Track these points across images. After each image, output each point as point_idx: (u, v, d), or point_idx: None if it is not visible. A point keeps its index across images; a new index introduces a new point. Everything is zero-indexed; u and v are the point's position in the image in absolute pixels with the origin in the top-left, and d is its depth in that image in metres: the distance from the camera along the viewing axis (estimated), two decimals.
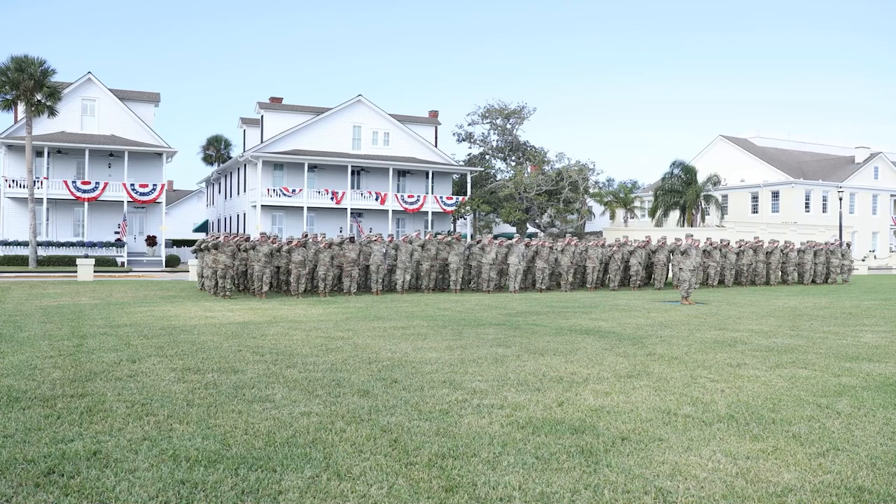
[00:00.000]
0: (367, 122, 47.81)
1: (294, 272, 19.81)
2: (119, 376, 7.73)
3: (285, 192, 44.18)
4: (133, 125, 43.60)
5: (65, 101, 40.30)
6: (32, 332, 11.46)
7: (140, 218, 44.92)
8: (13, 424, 5.71)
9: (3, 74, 36.06)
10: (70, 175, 41.98)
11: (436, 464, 4.89)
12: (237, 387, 7.22)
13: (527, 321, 13.85)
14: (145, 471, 4.65)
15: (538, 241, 24.77)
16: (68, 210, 42.59)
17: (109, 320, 13.22)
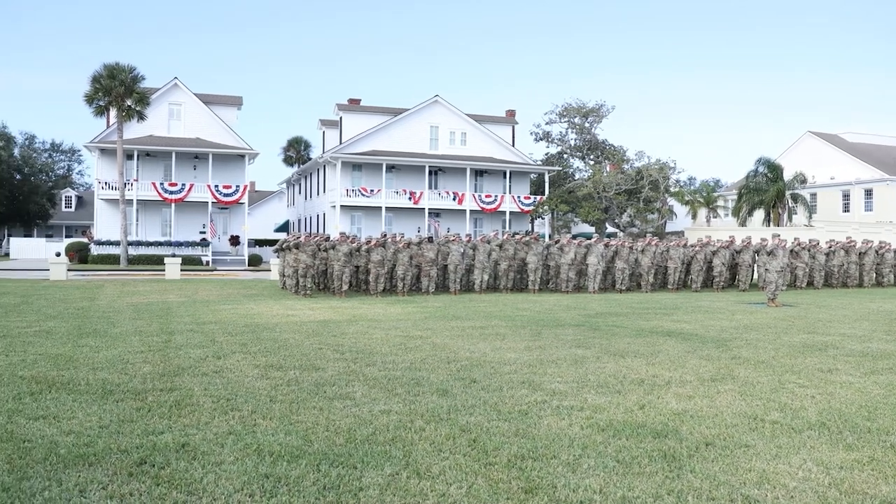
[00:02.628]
0: (444, 122, 48.01)
1: (373, 272, 20.04)
2: (205, 372, 7.96)
3: (364, 192, 44.77)
4: (217, 128, 44.96)
5: (153, 106, 41.84)
6: (124, 328, 11.92)
7: (224, 218, 46.26)
8: (108, 416, 5.94)
9: (97, 82, 37.72)
10: (158, 177, 43.57)
11: (515, 465, 4.85)
12: (318, 384, 7.33)
13: (606, 322, 13.64)
14: (231, 464, 4.76)
15: (618, 241, 24.39)
16: (156, 211, 44.22)
17: (196, 317, 13.63)
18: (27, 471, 4.57)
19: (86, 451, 4.97)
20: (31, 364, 8.33)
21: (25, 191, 61.85)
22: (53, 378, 7.47)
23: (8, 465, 4.69)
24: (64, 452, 4.93)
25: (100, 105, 38.63)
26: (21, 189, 61.46)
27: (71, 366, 8.23)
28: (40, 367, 8.16)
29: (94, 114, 39.17)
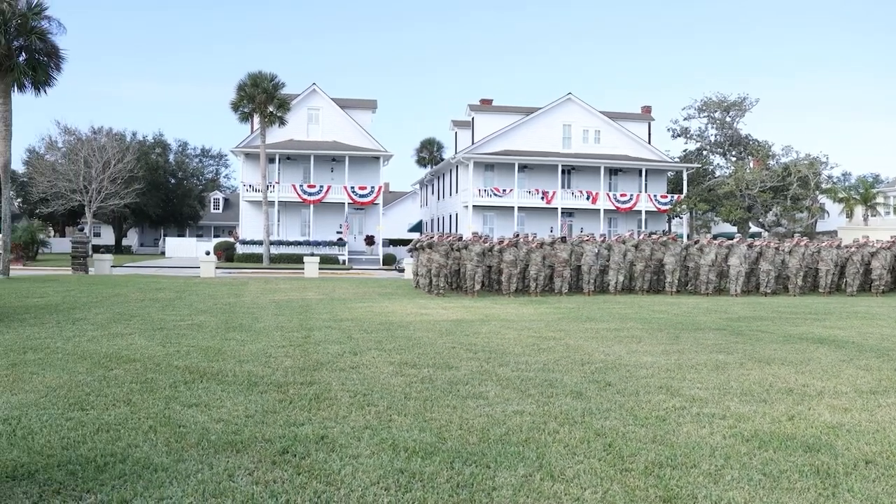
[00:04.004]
0: (577, 120, 47.39)
1: (505, 272, 20.05)
2: (343, 367, 8.20)
3: (496, 192, 44.89)
4: (353, 131, 46.41)
5: (293, 112, 43.64)
6: (267, 323, 12.49)
7: (359, 218, 47.65)
8: (253, 406, 6.23)
9: (242, 90, 39.83)
10: (297, 179, 45.44)
11: (652, 472, 4.69)
12: (452, 382, 7.39)
13: (750, 327, 13.01)
14: (367, 457, 4.87)
15: (762, 242, 23.21)
16: (296, 211, 46.13)
17: (333, 314, 14.09)
18: (182, 454, 4.87)
19: (234, 438, 5.24)
20: (184, 355, 8.87)
21: (179, 194, 66.13)
22: (204, 369, 7.93)
23: (166, 447, 5.01)
24: (214, 438, 5.22)
25: (244, 112, 40.79)
26: (175, 192, 65.77)
27: (220, 358, 8.71)
28: (193, 358, 8.67)
29: (240, 120, 41.44)
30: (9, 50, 24.16)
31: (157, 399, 6.44)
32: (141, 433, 5.35)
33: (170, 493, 4.16)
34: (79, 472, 4.48)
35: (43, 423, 5.58)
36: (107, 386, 6.97)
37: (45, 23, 25.01)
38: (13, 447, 4.98)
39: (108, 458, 4.73)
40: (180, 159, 73.16)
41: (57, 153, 55.86)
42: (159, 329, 11.33)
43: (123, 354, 8.83)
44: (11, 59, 24.36)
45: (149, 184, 57.37)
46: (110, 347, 9.38)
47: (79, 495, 4.13)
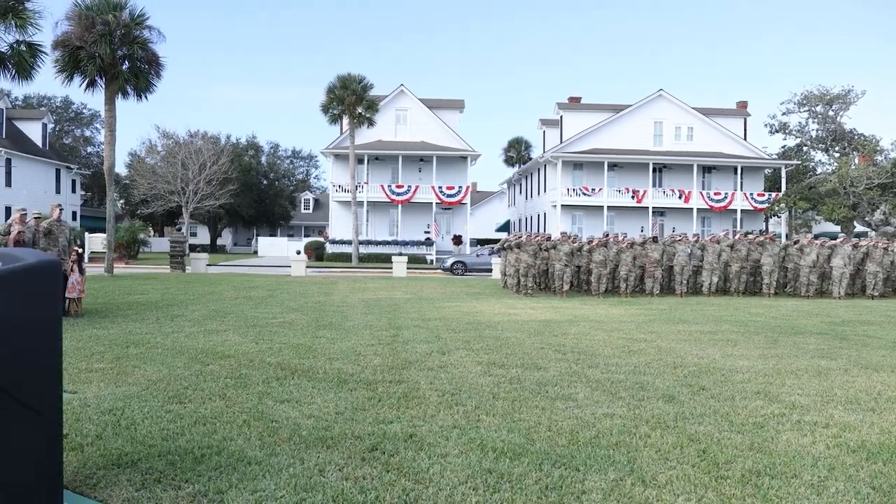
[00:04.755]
0: (668, 117, 46.29)
1: (595, 272, 19.75)
2: (431, 366, 8.23)
3: (585, 191, 44.33)
4: (440, 131, 46.68)
5: (381, 113, 44.19)
6: (356, 322, 12.67)
7: (447, 218, 47.88)
8: (343, 403, 6.32)
9: (331, 92, 40.65)
10: (386, 179, 46.03)
11: (750, 481, 4.51)
12: (540, 384, 7.31)
13: (855, 331, 12.39)
14: (455, 457, 4.86)
15: (869, 242, 22.08)
16: (384, 211, 46.73)
17: (421, 314, 14.18)
18: (275, 448, 4.97)
19: (324, 434, 5.32)
20: (276, 352, 9.09)
21: (271, 194, 68.03)
22: (296, 366, 8.09)
23: (259, 441, 5.13)
24: (305, 434, 5.31)
25: (334, 114, 41.61)
26: (267, 193, 67.69)
27: (310, 355, 8.88)
28: (284, 355, 8.87)
29: (329, 122, 42.27)
30: (113, 59, 25.37)
31: (251, 394, 6.61)
32: (235, 427, 5.50)
33: (263, 486, 4.25)
34: (178, 463, 4.63)
35: (144, 415, 5.81)
36: (203, 380, 7.20)
37: (146, 32, 26.16)
38: (118, 437, 5.20)
39: (204, 450, 4.88)
40: (272, 161, 75.28)
41: (156, 156, 58.36)
42: (252, 326, 11.65)
43: (219, 350, 9.11)
44: (116, 68, 25.57)
45: (242, 185, 59.25)
46: (206, 343, 9.70)
47: (178, 484, 4.27)
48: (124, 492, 4.14)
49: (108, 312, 13.50)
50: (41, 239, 12.82)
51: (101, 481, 4.32)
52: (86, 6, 25.07)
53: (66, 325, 10.69)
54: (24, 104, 65.43)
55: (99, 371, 7.65)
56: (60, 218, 13.57)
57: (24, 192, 45.08)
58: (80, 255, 13.66)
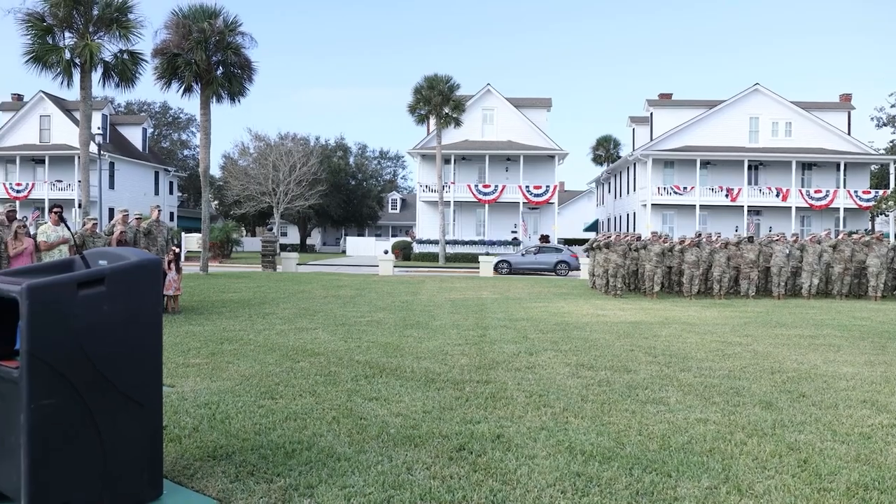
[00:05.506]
0: (764, 112, 44.63)
1: (687, 272, 19.24)
2: (518, 367, 8.17)
3: (676, 190, 43.27)
4: (527, 130, 46.43)
5: (467, 112, 44.27)
6: (443, 321, 12.72)
7: (534, 218, 47.60)
8: (430, 402, 6.34)
9: (418, 93, 41.03)
10: (473, 179, 46.10)
11: (856, 494, 4.28)
12: (630, 386, 7.15)
13: None
14: (543, 458, 4.80)
15: None
16: (471, 211, 46.82)
17: (508, 314, 14.12)
18: (363, 445, 5.03)
19: (412, 432, 5.34)
20: (365, 350, 9.21)
21: (359, 195, 69.15)
22: (384, 364, 8.18)
23: (348, 438, 5.20)
24: (393, 432, 5.35)
25: (421, 114, 41.99)
26: (355, 193, 68.84)
27: (398, 354, 8.96)
28: (372, 353, 8.98)
29: (416, 122, 42.68)
30: (208, 65, 26.32)
31: (340, 391, 6.71)
32: (325, 423, 5.59)
33: (352, 482, 4.30)
34: (270, 457, 4.74)
35: (238, 409, 5.97)
36: (294, 377, 7.36)
37: (239, 38, 27.05)
38: (213, 430, 5.36)
39: (295, 445, 4.98)
40: (360, 161, 76.55)
41: (248, 158, 60.18)
42: (341, 325, 11.84)
43: (308, 348, 9.30)
44: (210, 73, 26.52)
45: (331, 185, 60.45)
46: (297, 341, 9.91)
47: (270, 478, 4.36)
48: (219, 483, 4.26)
49: (203, 309, 13.99)
50: (142, 238, 13.38)
51: (197, 472, 4.46)
52: (183, 15, 26.13)
53: (164, 321, 11.11)
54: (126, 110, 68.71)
55: (195, 366, 7.92)
56: (159, 218, 14.15)
57: (126, 194, 47.29)
58: (177, 255, 14.19)
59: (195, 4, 26.49)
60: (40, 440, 3.54)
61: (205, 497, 4.07)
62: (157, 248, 13.45)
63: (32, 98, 47.25)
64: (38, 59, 23.71)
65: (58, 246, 11.76)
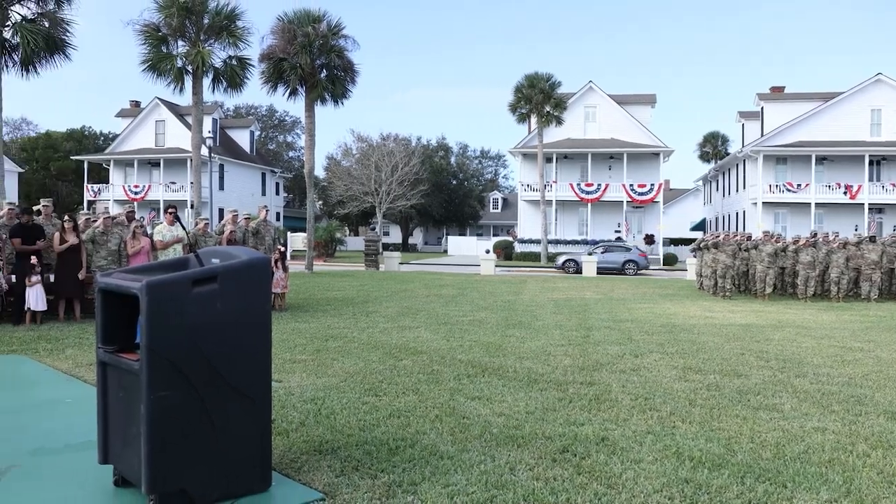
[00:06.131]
0: (888, 103, 41.98)
1: (801, 274, 18.39)
2: (623, 369, 8.00)
3: (789, 187, 41.41)
4: (631, 127, 45.49)
5: (569, 110, 43.71)
6: (546, 321, 12.60)
7: (638, 217, 46.61)
8: (533, 403, 6.28)
9: (519, 91, 40.88)
10: (575, 178, 45.54)
11: None
12: (741, 391, 6.88)
13: None
14: (649, 463, 4.67)
15: None
16: (573, 210, 46.26)
17: (612, 315, 13.87)
18: (466, 444, 5.02)
19: (514, 433, 5.31)
20: (467, 349, 9.23)
21: (460, 194, 69.47)
22: (486, 363, 8.17)
23: (451, 436, 5.21)
24: (496, 432, 5.32)
25: (522, 113, 41.83)
26: (457, 193, 69.19)
27: (500, 353, 8.93)
28: (475, 352, 8.99)
29: (517, 121, 42.53)
30: (313, 68, 27.08)
31: (443, 390, 6.74)
32: (428, 421, 5.62)
33: (455, 481, 4.30)
34: (374, 453, 4.80)
35: (343, 405, 6.08)
36: (397, 375, 7.44)
37: (342, 41, 27.75)
38: (319, 425, 5.48)
39: (398, 442, 5.03)
40: (461, 161, 76.90)
41: (351, 159, 61.44)
42: (443, 324, 11.91)
43: (411, 346, 9.40)
44: (315, 77, 27.28)
45: (432, 185, 60.98)
46: (399, 339, 10.03)
47: (374, 473, 4.41)
48: (325, 477, 4.34)
49: (308, 307, 14.36)
50: (250, 238, 13.86)
51: (304, 465, 4.56)
52: (288, 20, 27.02)
53: (272, 318, 11.48)
54: (235, 114, 71.46)
55: (301, 362, 8.13)
56: (267, 218, 14.62)
57: (235, 195, 49.14)
58: (284, 254, 14.62)
59: (300, 9, 27.36)
60: (158, 429, 3.70)
61: (311, 490, 4.16)
62: (265, 248, 13.89)
63: (149, 104, 49.77)
64: (154, 67, 25.05)
65: (172, 245, 12.35)
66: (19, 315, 11.07)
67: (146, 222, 14.17)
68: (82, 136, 64.95)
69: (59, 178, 60.27)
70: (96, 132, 67.15)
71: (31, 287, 10.97)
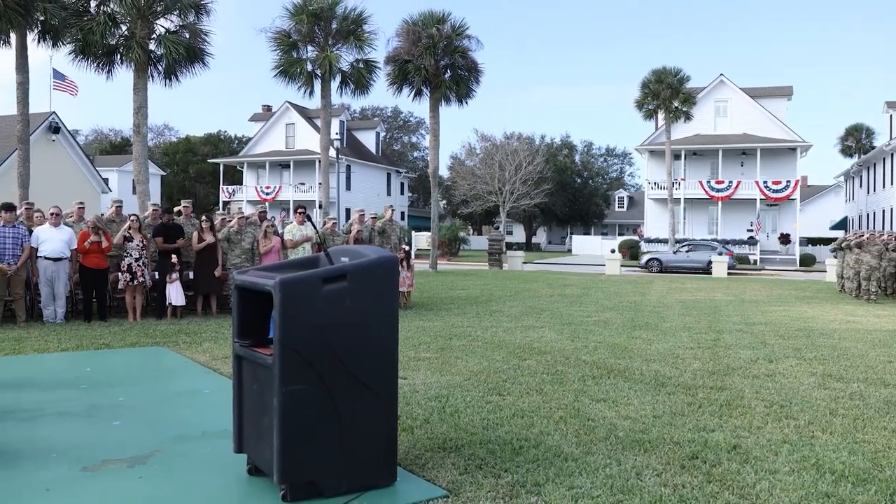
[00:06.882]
0: None
1: None
2: (756, 374, 7.66)
3: None
4: (764, 122, 43.43)
5: (698, 105, 42.12)
6: (673, 323, 12.24)
7: (772, 215, 44.48)
8: (661, 407, 6.11)
9: (646, 87, 39.80)
10: (704, 175, 43.96)
11: None
12: (888, 402, 6.43)
13: None
14: (786, 474, 4.45)
15: None
16: (703, 209, 44.67)
17: (744, 317, 13.30)
18: (591, 447, 4.95)
19: (641, 437, 5.18)
20: (591, 350, 9.09)
21: (585, 193, 68.52)
22: (611, 365, 8.02)
23: (575, 438, 5.15)
24: (622, 435, 5.22)
25: (648, 109, 40.74)
26: (581, 192, 68.28)
27: (626, 355, 8.74)
28: (600, 353, 8.84)
29: (644, 118, 41.48)
30: (437, 69, 27.47)
31: (567, 391, 6.67)
32: (552, 422, 5.57)
33: (579, 484, 4.24)
34: (497, 452, 4.80)
35: (466, 404, 6.12)
36: (520, 375, 7.43)
37: (466, 41, 28.00)
38: (443, 422, 5.54)
39: (522, 443, 5.01)
40: (585, 159, 75.81)
41: (475, 158, 61.75)
42: (567, 324, 11.79)
43: (535, 346, 9.35)
44: (439, 77, 27.66)
45: (556, 184, 60.45)
46: (523, 339, 10.00)
47: (497, 473, 4.42)
48: (449, 474, 4.39)
49: (432, 306, 14.56)
50: (376, 237, 14.19)
51: (428, 462, 4.62)
52: (413, 22, 27.54)
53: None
54: (361, 116, 73.32)
55: (426, 360, 8.25)
56: (392, 218, 14.93)
57: (361, 195, 50.43)
58: (408, 253, 14.88)
59: (424, 11, 27.83)
60: (290, 422, 3.84)
61: (435, 486, 4.21)
62: (391, 247, 14.19)
63: (279, 108, 51.85)
64: (285, 72, 26.16)
65: (301, 244, 12.82)
66: (161, 310, 11.82)
67: (277, 222, 14.76)
68: (218, 140, 68.64)
69: (198, 180, 63.91)
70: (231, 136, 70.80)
71: (171, 284, 11.70)
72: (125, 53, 20.00)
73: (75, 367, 7.79)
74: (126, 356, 8.57)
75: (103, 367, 7.89)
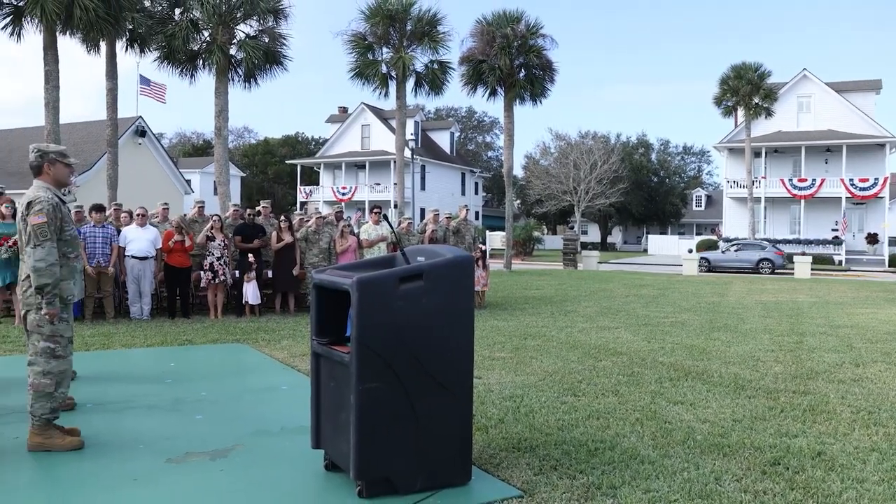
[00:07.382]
0: None
1: None
2: (841, 379, 7.40)
3: None
4: (851, 117, 41.71)
5: (780, 101, 40.75)
6: (753, 325, 11.91)
7: (859, 214, 42.74)
8: (741, 410, 5.97)
9: (725, 83, 38.78)
10: (786, 173, 42.55)
11: None
12: None
13: None
14: (875, 484, 4.29)
15: None
16: (784, 208, 43.24)
17: (829, 319, 12.85)
18: (668, 450, 4.87)
19: (720, 441, 5.08)
20: (669, 352, 8.94)
21: (661, 192, 67.24)
22: (689, 367, 7.87)
23: (652, 441, 5.08)
24: (700, 439, 5.12)
25: (727, 106, 39.66)
26: (657, 191, 67.04)
27: (704, 357, 8.57)
28: (677, 355, 8.69)
29: (722, 115, 40.39)
30: (511, 69, 27.42)
31: (643, 393, 6.58)
32: (628, 424, 5.51)
33: (656, 487, 4.18)
34: (572, 453, 4.78)
35: (541, 404, 6.11)
36: (596, 375, 7.36)
37: (540, 40, 27.88)
38: (517, 422, 5.54)
39: (597, 444, 4.97)
40: (662, 158, 74.44)
41: (549, 158, 61.37)
42: (643, 325, 11.61)
43: (610, 347, 9.25)
44: (513, 77, 27.61)
45: (632, 183, 59.53)
46: (598, 339, 9.91)
47: (573, 474, 4.40)
48: (524, 475, 4.39)
49: (507, 305, 14.55)
50: (451, 237, 14.25)
51: (502, 462, 4.63)
52: (487, 22, 27.58)
53: None
54: (435, 116, 73.74)
55: (500, 360, 8.26)
56: (467, 217, 14.96)
57: (436, 195, 50.69)
58: (483, 252, 14.89)
59: (498, 11, 27.80)
60: (366, 419, 3.91)
61: (510, 486, 4.22)
62: (465, 246, 14.23)
63: (355, 109, 52.57)
64: (360, 74, 26.53)
65: (377, 243, 12.98)
66: (241, 307, 12.16)
67: (353, 221, 14.98)
68: (296, 141, 70.11)
69: (276, 181, 65.43)
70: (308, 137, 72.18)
71: (248, 283, 12.03)
72: (207, 58, 20.66)
73: (160, 363, 8.10)
74: (208, 352, 8.86)
75: (186, 362, 8.18)
